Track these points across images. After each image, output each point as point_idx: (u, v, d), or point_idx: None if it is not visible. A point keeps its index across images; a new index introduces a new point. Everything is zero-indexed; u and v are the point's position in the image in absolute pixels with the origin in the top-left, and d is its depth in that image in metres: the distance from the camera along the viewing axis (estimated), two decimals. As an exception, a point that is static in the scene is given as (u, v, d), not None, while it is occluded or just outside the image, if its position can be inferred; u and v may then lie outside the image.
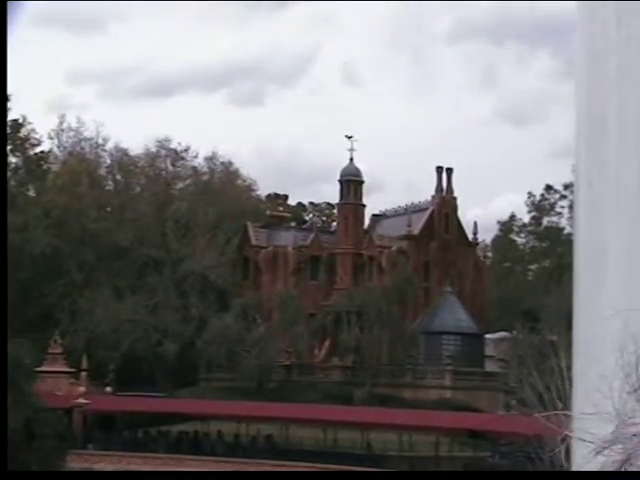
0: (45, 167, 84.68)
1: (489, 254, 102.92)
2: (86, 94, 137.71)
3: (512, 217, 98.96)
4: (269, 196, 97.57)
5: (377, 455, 57.00)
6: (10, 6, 11.21)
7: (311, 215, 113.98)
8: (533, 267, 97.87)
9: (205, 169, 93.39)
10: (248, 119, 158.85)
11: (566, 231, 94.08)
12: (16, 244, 79.27)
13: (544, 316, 55.51)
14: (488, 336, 79.87)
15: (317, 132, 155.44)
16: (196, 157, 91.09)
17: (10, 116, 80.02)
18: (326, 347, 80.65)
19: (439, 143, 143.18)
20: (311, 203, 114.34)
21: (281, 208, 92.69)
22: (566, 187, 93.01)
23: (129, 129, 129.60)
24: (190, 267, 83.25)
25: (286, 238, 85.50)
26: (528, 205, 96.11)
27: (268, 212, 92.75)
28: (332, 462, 54.95)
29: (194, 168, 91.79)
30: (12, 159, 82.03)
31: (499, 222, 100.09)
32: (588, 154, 2.29)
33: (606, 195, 2.29)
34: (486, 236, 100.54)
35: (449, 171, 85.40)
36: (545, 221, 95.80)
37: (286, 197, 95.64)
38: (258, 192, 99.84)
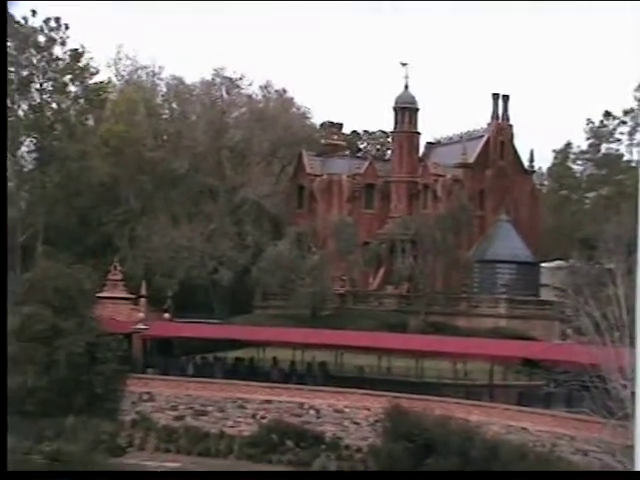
0: (103, 96, 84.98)
1: (545, 182, 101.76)
2: (145, 20, 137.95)
3: (569, 144, 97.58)
4: (323, 124, 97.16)
5: (431, 383, 57.28)
6: (10, 6, 11.33)
7: (365, 143, 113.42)
8: (590, 195, 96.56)
9: (260, 97, 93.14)
10: (302, 46, 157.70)
11: (625, 158, 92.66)
12: (75, 173, 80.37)
13: (602, 244, 54.95)
14: (544, 265, 79.43)
15: (371, 59, 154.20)
16: (251, 85, 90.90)
17: (70, 45, 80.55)
18: (380, 275, 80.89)
19: (497, 70, 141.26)
20: (365, 131, 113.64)
21: (335, 136, 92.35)
22: (625, 113, 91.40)
23: (186, 57, 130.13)
24: (245, 195, 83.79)
25: (341, 166, 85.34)
26: (586, 132, 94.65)
27: (323, 140, 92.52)
28: (386, 389, 55.40)
29: (249, 96, 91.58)
30: (72, 88, 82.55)
31: (555, 150, 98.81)
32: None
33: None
34: (542, 164, 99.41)
35: (505, 98, 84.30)
36: (603, 148, 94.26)
37: (340, 125, 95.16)
38: (312, 120, 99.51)
